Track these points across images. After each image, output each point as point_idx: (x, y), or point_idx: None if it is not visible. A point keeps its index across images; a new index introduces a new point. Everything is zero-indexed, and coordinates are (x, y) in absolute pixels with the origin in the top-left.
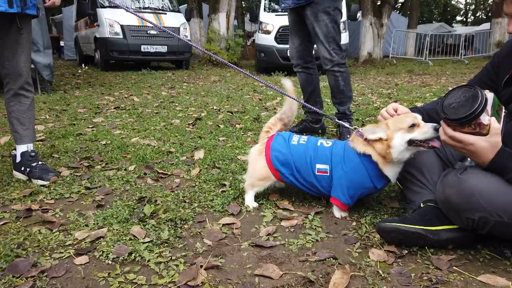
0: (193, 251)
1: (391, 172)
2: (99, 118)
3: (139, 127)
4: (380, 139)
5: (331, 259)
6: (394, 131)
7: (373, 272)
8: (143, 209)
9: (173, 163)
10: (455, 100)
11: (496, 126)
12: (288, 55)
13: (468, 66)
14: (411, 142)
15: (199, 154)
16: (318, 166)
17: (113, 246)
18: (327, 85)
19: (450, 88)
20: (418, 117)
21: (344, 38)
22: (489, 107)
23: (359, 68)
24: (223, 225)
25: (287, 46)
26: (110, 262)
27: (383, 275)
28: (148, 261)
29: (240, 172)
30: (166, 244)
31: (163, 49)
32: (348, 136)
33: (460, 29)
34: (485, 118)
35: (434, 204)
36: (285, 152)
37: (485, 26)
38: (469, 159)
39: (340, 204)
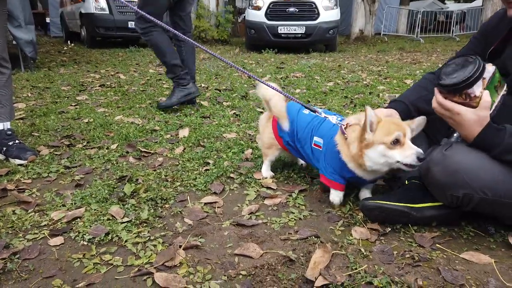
0: (172, 231)
1: (360, 173)
2: (83, 96)
3: (124, 105)
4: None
5: (313, 237)
6: (376, 141)
7: (355, 250)
8: (123, 188)
9: (156, 142)
10: (452, 68)
11: (487, 99)
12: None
13: (459, 44)
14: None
15: (184, 132)
16: (315, 138)
17: (90, 226)
18: (316, 62)
19: (440, 65)
20: (408, 132)
21: (336, 14)
22: (487, 79)
23: (351, 46)
24: (205, 204)
25: (278, 22)
26: (85, 243)
27: (365, 253)
28: (126, 241)
29: (224, 150)
30: (145, 224)
31: None
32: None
33: (452, 6)
34: (477, 89)
35: (418, 181)
36: (292, 118)
37: (477, 2)
38: (455, 135)
39: (326, 180)
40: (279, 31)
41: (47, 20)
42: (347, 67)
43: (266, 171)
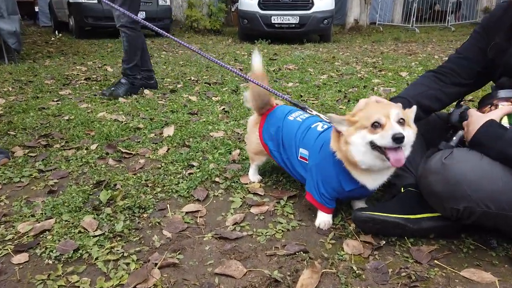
0: (149, 245)
1: (365, 178)
2: (67, 90)
3: (108, 100)
4: (341, 134)
5: (302, 253)
6: (356, 128)
7: (347, 268)
8: (99, 196)
9: (139, 141)
10: None
11: (502, 109)
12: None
13: (454, 33)
14: (374, 146)
15: (169, 131)
16: (301, 150)
17: (59, 241)
18: (309, 54)
19: (436, 57)
20: (393, 114)
21: (330, 3)
22: None
23: (345, 36)
24: (187, 213)
25: (272, 12)
26: (52, 262)
27: (357, 271)
28: (96, 259)
29: (211, 151)
30: (119, 238)
31: (141, 15)
32: None
33: None
34: (501, 103)
35: (415, 188)
36: (278, 126)
37: None
38: (454, 138)
39: (313, 200)
40: (273, 21)
41: (36, 9)
42: (341, 58)
43: (253, 175)
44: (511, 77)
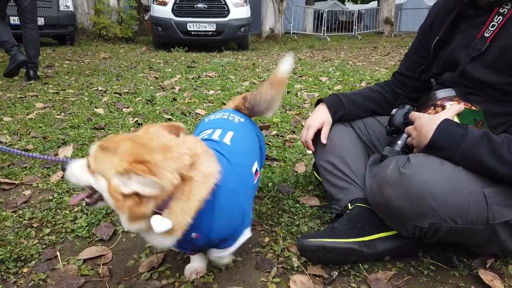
0: None
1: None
2: None
3: None
4: None
5: None
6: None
7: None
8: None
9: (26, 167)
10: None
11: (451, 110)
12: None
13: (362, 41)
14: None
15: (66, 151)
16: None
17: None
18: (229, 61)
19: (350, 62)
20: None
21: (246, 11)
22: (462, 102)
23: (262, 44)
24: (85, 261)
25: (187, 19)
26: None
27: None
28: None
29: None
30: None
31: (39, 21)
32: None
33: (351, 7)
34: (448, 103)
35: (364, 204)
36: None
37: (373, 4)
38: (399, 142)
39: None
40: (189, 28)
41: None
42: (261, 65)
43: None
44: (453, 71)
